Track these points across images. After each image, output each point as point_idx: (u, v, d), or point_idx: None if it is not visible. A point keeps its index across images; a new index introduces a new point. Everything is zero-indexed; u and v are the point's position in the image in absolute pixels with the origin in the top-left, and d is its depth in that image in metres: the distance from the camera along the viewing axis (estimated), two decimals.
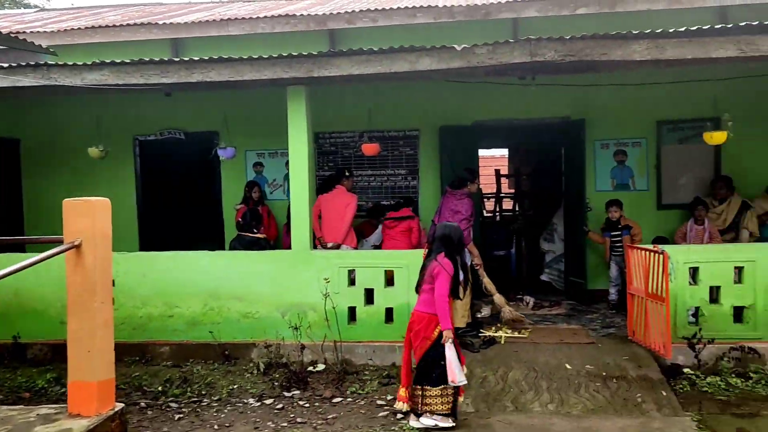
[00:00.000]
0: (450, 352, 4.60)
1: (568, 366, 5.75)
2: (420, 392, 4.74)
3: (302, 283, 6.54)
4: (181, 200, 10.03)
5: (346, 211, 7.08)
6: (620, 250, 7.44)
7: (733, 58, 5.48)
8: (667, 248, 5.79)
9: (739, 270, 6.01)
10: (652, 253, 5.74)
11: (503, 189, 12.33)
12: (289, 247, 6.93)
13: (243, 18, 8.43)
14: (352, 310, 6.59)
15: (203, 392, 5.82)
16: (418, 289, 4.85)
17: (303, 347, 6.20)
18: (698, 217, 7.23)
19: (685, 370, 5.87)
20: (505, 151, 13.84)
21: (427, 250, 5.08)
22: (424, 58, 5.83)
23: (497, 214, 11.30)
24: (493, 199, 11.44)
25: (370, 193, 8.52)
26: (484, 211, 12.49)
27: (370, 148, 6.92)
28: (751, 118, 7.01)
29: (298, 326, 6.22)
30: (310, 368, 6.40)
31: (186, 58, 6.27)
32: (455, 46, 5.70)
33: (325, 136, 8.62)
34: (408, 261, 6.32)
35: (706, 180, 7.93)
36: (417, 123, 8.47)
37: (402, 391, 4.89)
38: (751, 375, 5.68)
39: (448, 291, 4.69)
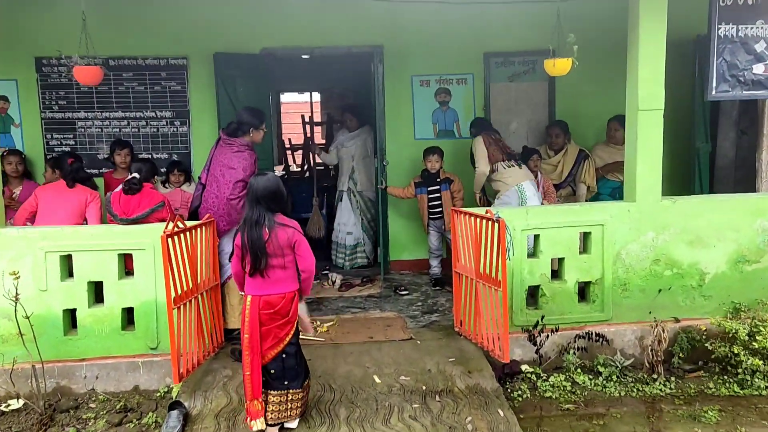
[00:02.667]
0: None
1: (377, 379, 4.16)
2: (287, 396, 3.68)
3: None
4: None
5: (89, 214, 4.94)
6: (440, 210, 6.03)
7: None
8: (504, 212, 4.36)
9: (584, 236, 4.78)
10: (483, 221, 4.27)
11: (316, 139, 10.56)
12: None
13: None
14: (71, 315, 4.49)
15: None
16: (259, 270, 3.58)
17: None
18: (532, 170, 5.96)
19: (524, 367, 4.57)
20: (318, 96, 12.01)
21: (245, 216, 3.64)
22: None
23: (307, 168, 9.50)
24: (302, 152, 9.59)
25: None
26: (294, 165, 10.72)
27: (86, 73, 4.65)
28: (590, 53, 5.81)
29: None
30: (2, 407, 4.26)
31: None
32: None
33: (53, 63, 6.14)
34: (153, 239, 4.33)
35: (540, 125, 6.73)
36: (184, 48, 6.30)
37: (256, 404, 3.61)
38: (600, 369, 4.50)
39: None
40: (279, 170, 10.48)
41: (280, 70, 9.60)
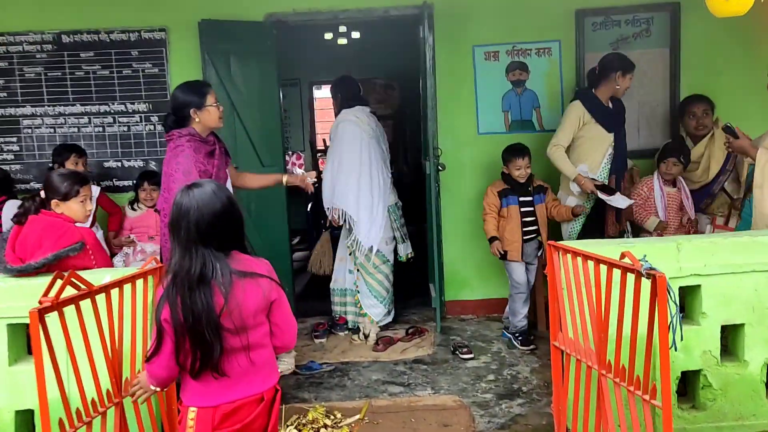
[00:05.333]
0: None
1: None
2: None
3: None
4: None
5: None
6: (535, 230, 4.19)
7: None
8: (645, 248, 2.48)
9: None
10: (615, 271, 2.38)
11: None
12: None
13: None
14: None
15: None
16: (212, 364, 1.94)
17: None
18: (667, 173, 4.04)
19: None
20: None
21: (175, 268, 1.97)
22: None
23: None
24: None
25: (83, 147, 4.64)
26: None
27: None
28: None
29: None
30: None
31: None
32: None
33: None
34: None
35: (657, 110, 4.78)
36: (161, 15, 4.64)
37: None
38: None
39: None
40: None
41: (305, 53, 7.99)
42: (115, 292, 2.48)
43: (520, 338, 4.17)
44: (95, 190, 4.22)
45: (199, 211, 1.94)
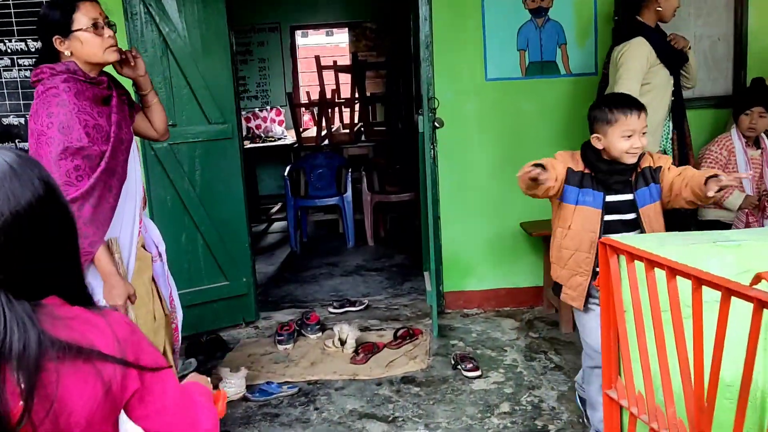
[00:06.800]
0: None
1: None
2: None
3: None
4: None
5: None
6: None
7: None
8: (752, 247, 1.47)
9: None
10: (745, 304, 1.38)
11: (343, 91, 7.70)
12: None
13: None
14: None
15: None
16: None
17: None
18: (751, 127, 3.00)
19: None
20: (344, 36, 9.07)
21: None
22: None
23: (324, 134, 6.68)
24: (317, 109, 6.73)
25: None
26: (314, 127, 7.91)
27: None
28: None
29: None
30: None
31: None
32: None
33: None
34: None
35: (718, 43, 3.70)
36: None
37: None
38: None
39: None
40: (290, 136, 7.77)
41: None
42: None
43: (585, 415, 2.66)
44: None
45: None
